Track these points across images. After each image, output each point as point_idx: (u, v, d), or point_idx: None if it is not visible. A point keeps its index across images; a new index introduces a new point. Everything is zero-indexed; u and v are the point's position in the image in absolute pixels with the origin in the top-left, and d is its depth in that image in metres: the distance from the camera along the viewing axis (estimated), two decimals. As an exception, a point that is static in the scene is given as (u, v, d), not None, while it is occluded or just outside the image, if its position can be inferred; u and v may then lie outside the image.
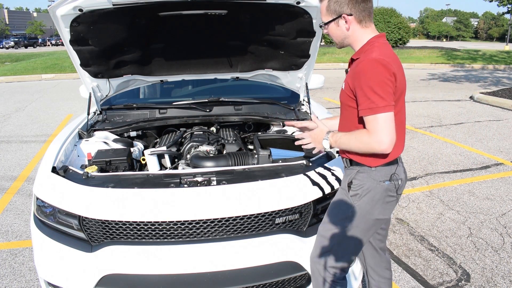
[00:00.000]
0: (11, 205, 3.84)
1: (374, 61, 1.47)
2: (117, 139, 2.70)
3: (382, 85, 1.45)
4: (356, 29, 1.59)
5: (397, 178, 1.63)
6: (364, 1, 1.56)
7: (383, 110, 1.45)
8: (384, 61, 1.47)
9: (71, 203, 1.82)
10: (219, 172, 2.07)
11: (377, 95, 1.45)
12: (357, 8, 1.55)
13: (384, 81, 1.46)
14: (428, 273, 2.73)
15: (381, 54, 1.50)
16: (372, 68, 1.47)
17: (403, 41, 25.46)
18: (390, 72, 1.47)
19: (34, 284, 2.63)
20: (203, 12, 2.37)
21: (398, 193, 1.67)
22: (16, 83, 13.50)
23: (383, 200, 1.63)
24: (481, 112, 8.25)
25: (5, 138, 6.35)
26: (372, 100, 1.46)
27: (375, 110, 1.46)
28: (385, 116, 1.45)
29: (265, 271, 1.81)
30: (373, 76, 1.46)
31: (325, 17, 1.63)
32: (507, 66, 18.59)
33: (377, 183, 1.61)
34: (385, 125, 1.45)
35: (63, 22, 2.25)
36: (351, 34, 1.61)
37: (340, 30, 1.61)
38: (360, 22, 1.58)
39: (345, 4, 1.55)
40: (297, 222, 1.94)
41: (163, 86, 3.43)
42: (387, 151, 1.48)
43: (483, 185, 4.31)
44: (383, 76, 1.46)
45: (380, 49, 1.53)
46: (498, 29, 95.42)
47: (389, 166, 1.63)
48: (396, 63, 1.53)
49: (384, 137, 1.45)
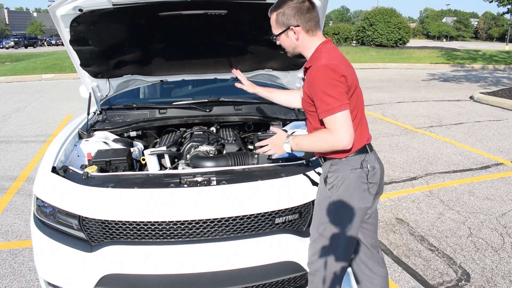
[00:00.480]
0: (11, 205, 3.84)
1: (323, 67, 1.61)
2: (117, 139, 2.70)
3: (333, 87, 1.59)
4: (304, 38, 1.74)
5: (366, 165, 1.71)
6: (309, 12, 1.70)
7: (338, 109, 1.58)
8: (332, 65, 1.61)
9: (71, 203, 1.82)
10: (219, 172, 2.07)
11: (331, 97, 1.58)
12: (303, 19, 1.69)
13: (334, 83, 1.59)
14: (428, 273, 2.73)
15: (329, 59, 1.63)
16: (322, 73, 1.60)
17: (403, 41, 25.47)
18: (339, 74, 1.60)
19: (34, 284, 2.63)
20: (203, 12, 2.37)
21: (369, 180, 1.72)
22: (16, 83, 13.50)
23: (359, 188, 1.71)
24: (481, 112, 8.25)
25: (5, 138, 6.35)
26: (327, 102, 1.59)
27: (331, 111, 1.58)
28: (341, 114, 1.58)
29: (265, 271, 1.81)
30: (325, 81, 1.60)
31: (275, 29, 1.77)
32: (507, 66, 18.59)
33: (349, 172, 1.71)
34: (343, 123, 1.59)
35: (63, 22, 2.25)
36: (300, 43, 1.76)
37: (290, 40, 1.76)
38: (308, 31, 1.72)
39: (292, 16, 1.69)
40: (296, 222, 1.94)
41: (163, 86, 3.43)
42: (348, 146, 1.60)
43: (483, 185, 4.31)
44: (333, 79, 1.59)
45: (327, 54, 1.67)
46: (498, 29, 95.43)
47: (359, 155, 1.73)
48: (344, 63, 1.66)
49: (343, 134, 1.58)
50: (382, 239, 3.17)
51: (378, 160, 1.80)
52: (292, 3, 1.68)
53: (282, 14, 1.70)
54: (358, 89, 1.74)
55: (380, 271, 1.95)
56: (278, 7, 1.72)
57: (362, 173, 1.71)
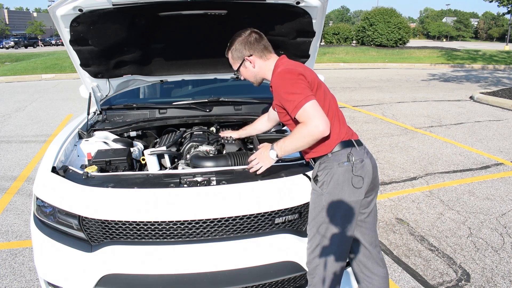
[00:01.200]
0: (11, 205, 3.85)
1: (280, 72, 1.75)
2: (117, 139, 2.70)
3: (294, 85, 1.68)
4: (260, 64, 1.91)
5: (352, 157, 1.75)
6: (257, 41, 1.88)
7: (305, 101, 1.65)
8: (287, 68, 1.73)
9: (71, 203, 1.82)
10: (219, 172, 2.07)
11: (294, 94, 1.67)
12: (254, 47, 1.88)
13: (294, 81, 1.69)
14: (428, 273, 2.73)
15: (284, 66, 1.78)
16: (281, 77, 1.72)
17: (403, 41, 25.49)
18: (297, 73, 1.71)
19: (34, 284, 2.63)
20: (203, 12, 2.37)
21: (355, 173, 1.74)
22: (16, 83, 13.50)
23: (348, 181, 1.74)
24: (481, 112, 8.25)
25: (5, 138, 6.36)
26: (293, 99, 1.67)
27: (299, 105, 1.65)
28: (309, 104, 1.65)
29: (264, 271, 1.81)
30: (284, 83, 1.70)
31: (234, 65, 1.96)
32: (507, 66, 18.60)
33: (337, 166, 1.74)
34: (313, 111, 1.64)
35: (63, 22, 2.25)
36: (258, 70, 1.93)
37: (249, 70, 1.94)
38: (261, 57, 1.90)
39: (243, 49, 1.89)
40: (296, 222, 1.94)
41: (163, 86, 3.43)
42: (326, 132, 1.65)
43: (483, 185, 4.31)
44: (291, 79, 1.70)
45: (283, 64, 1.82)
46: (498, 29, 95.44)
47: (344, 149, 1.77)
48: (300, 66, 1.79)
49: (317, 121, 1.63)
50: (382, 239, 3.17)
51: (368, 155, 1.83)
52: (240, 38, 1.89)
53: (235, 50, 1.91)
54: (323, 86, 1.82)
55: (380, 271, 1.95)
56: (230, 46, 1.93)
57: (349, 166, 1.74)
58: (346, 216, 1.76)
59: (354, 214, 1.77)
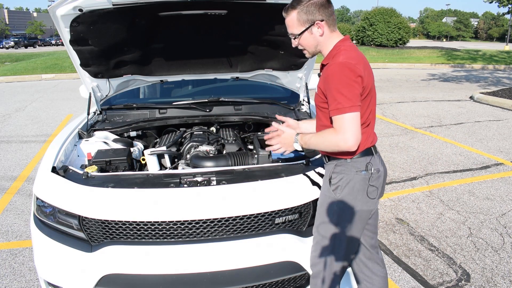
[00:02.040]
0: (11, 205, 3.84)
1: (341, 65, 1.57)
2: (117, 139, 2.70)
3: (348, 87, 1.55)
4: (327, 33, 1.69)
5: (371, 167, 1.70)
6: (329, 5, 1.67)
7: (349, 110, 1.55)
8: (350, 64, 1.56)
9: (71, 203, 1.82)
10: (219, 172, 2.07)
11: (343, 96, 1.55)
12: (326, 13, 1.65)
13: (350, 83, 1.55)
14: (428, 273, 2.73)
15: (347, 57, 1.59)
16: (339, 72, 1.56)
17: (403, 41, 25.48)
18: (356, 74, 1.56)
19: (34, 284, 2.63)
20: (203, 12, 2.37)
21: (371, 183, 1.70)
22: (16, 83, 13.50)
23: (363, 190, 1.69)
24: (481, 112, 8.25)
25: (5, 138, 6.35)
26: (339, 101, 1.55)
27: (342, 110, 1.55)
28: (350, 116, 1.55)
29: (265, 271, 1.81)
30: (340, 79, 1.56)
31: (296, 28, 1.70)
32: (507, 66, 18.59)
33: (354, 173, 1.69)
34: (351, 124, 1.55)
35: (63, 22, 2.25)
36: (323, 40, 1.70)
37: (314, 37, 1.70)
38: (330, 26, 1.68)
39: (316, 11, 1.64)
40: (296, 222, 1.94)
41: (163, 86, 3.43)
42: (352, 148, 1.57)
43: (483, 185, 4.31)
44: (349, 78, 1.55)
45: (346, 52, 1.62)
46: (498, 29, 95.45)
47: (364, 157, 1.70)
48: (362, 63, 1.62)
49: (349, 135, 1.55)
50: (382, 239, 3.17)
51: (382, 163, 1.79)
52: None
53: (305, 11, 1.64)
54: (373, 90, 1.70)
55: (380, 271, 1.95)
56: (298, 4, 1.65)
57: (367, 176, 1.68)
58: (356, 224, 1.73)
59: (363, 222, 1.76)
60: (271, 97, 3.31)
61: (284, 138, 1.84)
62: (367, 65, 1.66)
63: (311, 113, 2.96)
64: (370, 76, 1.66)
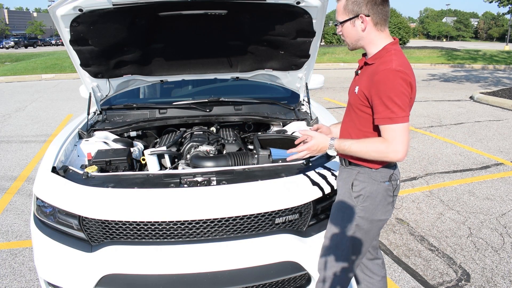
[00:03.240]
0: (11, 205, 3.84)
1: (395, 72, 1.49)
2: (117, 139, 2.70)
3: (401, 96, 1.49)
4: (371, 31, 1.60)
5: (395, 178, 1.67)
6: (383, 4, 1.57)
7: (402, 120, 1.49)
8: (404, 72, 1.50)
9: (71, 203, 1.82)
10: (219, 172, 2.07)
11: (397, 106, 1.48)
12: (375, 9, 1.56)
13: (403, 92, 1.49)
14: (428, 273, 2.73)
15: (400, 64, 1.52)
16: (393, 79, 1.49)
17: (403, 41, 25.50)
18: (408, 84, 1.51)
19: (34, 284, 2.63)
20: (203, 12, 2.37)
21: (395, 194, 1.69)
22: (16, 83, 13.49)
23: (384, 201, 1.66)
24: (481, 112, 8.25)
25: (5, 138, 6.35)
26: (392, 110, 1.49)
27: (394, 120, 1.49)
28: (403, 126, 1.49)
29: (265, 271, 1.81)
30: (394, 87, 1.49)
31: (341, 16, 1.63)
32: (507, 66, 18.59)
33: (378, 184, 1.64)
34: (403, 135, 1.50)
35: (63, 22, 2.25)
36: (365, 36, 1.61)
37: (355, 30, 1.61)
38: (376, 24, 1.59)
39: (364, 4, 1.56)
40: (297, 222, 1.94)
41: (163, 86, 3.43)
42: (401, 160, 1.52)
43: (483, 185, 4.31)
44: (402, 87, 1.49)
45: (398, 58, 1.54)
46: (498, 29, 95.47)
47: (389, 168, 1.66)
48: (411, 72, 1.56)
49: (401, 147, 1.49)
50: (382, 239, 3.17)
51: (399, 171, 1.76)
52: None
53: (354, 1, 1.57)
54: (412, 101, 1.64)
55: (380, 271, 1.96)
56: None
57: (390, 187, 1.65)
58: (372, 233, 1.72)
59: (378, 231, 1.75)
60: (271, 97, 3.32)
61: (316, 144, 1.69)
62: (413, 74, 1.59)
63: (311, 113, 2.96)
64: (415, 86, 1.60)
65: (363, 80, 1.62)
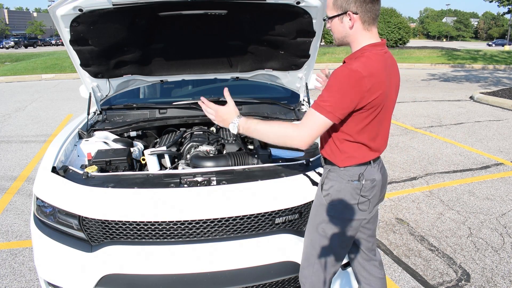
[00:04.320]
0: (11, 205, 3.84)
1: (349, 71, 1.46)
2: (117, 139, 2.70)
3: (339, 93, 1.45)
4: (358, 29, 1.56)
5: (367, 178, 1.62)
6: (372, 2, 1.53)
7: (324, 112, 1.46)
8: (360, 74, 1.44)
9: (71, 203, 1.82)
10: (219, 172, 2.07)
11: (331, 97, 1.46)
12: (364, 7, 1.53)
13: (345, 91, 1.45)
14: (428, 273, 2.73)
15: (361, 66, 1.47)
16: (343, 76, 1.46)
17: (403, 41, 25.49)
18: (357, 87, 1.45)
19: (34, 284, 2.63)
20: (203, 12, 2.37)
21: (362, 194, 1.62)
22: (16, 83, 13.50)
23: (354, 200, 1.63)
24: (481, 112, 8.25)
25: (5, 138, 6.35)
26: (324, 98, 1.47)
27: (319, 107, 1.48)
28: (319, 118, 1.47)
29: (265, 271, 1.81)
30: (340, 83, 1.46)
31: (330, 11, 1.61)
32: (508, 66, 18.59)
33: (346, 182, 1.62)
34: (316, 125, 1.48)
35: (63, 22, 2.25)
36: (352, 34, 1.58)
37: (343, 27, 1.58)
38: (364, 23, 1.55)
39: (353, 1, 1.53)
40: (297, 222, 1.94)
41: (163, 86, 3.43)
42: (302, 147, 1.51)
43: (483, 185, 4.31)
44: (349, 88, 1.45)
45: (366, 59, 1.50)
46: (498, 29, 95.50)
47: (359, 167, 1.62)
48: (376, 76, 1.48)
49: (306, 134, 1.49)
50: (382, 239, 3.17)
51: (381, 170, 1.70)
52: None
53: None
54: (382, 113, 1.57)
55: (378, 273, 1.95)
56: None
57: (358, 185, 1.61)
58: (344, 233, 1.69)
59: (353, 231, 1.70)
60: (271, 97, 3.31)
61: (221, 112, 1.66)
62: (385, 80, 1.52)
63: None
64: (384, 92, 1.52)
65: None
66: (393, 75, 1.60)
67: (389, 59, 1.59)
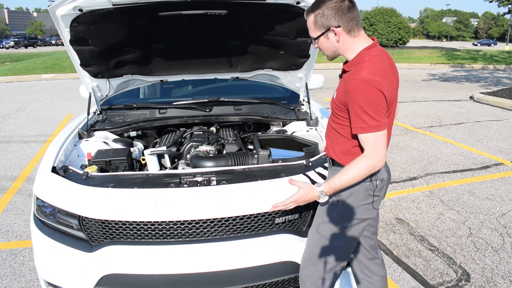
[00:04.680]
0: (11, 205, 3.84)
1: (363, 82, 1.49)
2: (117, 139, 2.70)
3: (372, 105, 1.49)
4: (346, 39, 1.60)
5: (377, 178, 1.65)
6: (350, 11, 1.56)
7: (373, 129, 1.50)
8: (373, 81, 1.48)
9: (71, 203, 1.82)
10: (219, 172, 2.07)
11: (367, 115, 1.49)
12: (344, 18, 1.56)
13: (374, 101, 1.49)
14: (428, 273, 2.73)
15: (370, 72, 1.50)
16: (362, 89, 1.49)
17: (403, 41, 25.49)
18: (379, 92, 1.49)
19: (34, 284, 2.63)
20: (203, 12, 2.37)
21: (375, 194, 1.66)
22: (16, 83, 13.50)
23: (365, 200, 1.66)
24: (481, 112, 8.25)
25: (5, 138, 6.35)
26: (363, 119, 1.50)
27: (366, 130, 1.51)
28: (374, 135, 1.51)
29: (265, 271, 1.81)
30: (363, 97, 1.49)
31: (313, 32, 1.64)
32: (508, 66, 18.59)
33: (358, 183, 1.63)
34: (377, 142, 1.51)
35: (63, 22, 2.26)
36: (341, 46, 1.62)
37: (330, 43, 1.62)
38: (349, 32, 1.59)
39: (332, 17, 1.56)
40: (296, 222, 1.94)
41: (163, 86, 3.43)
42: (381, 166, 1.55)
43: (483, 185, 4.31)
44: (373, 97, 1.49)
45: (370, 64, 1.53)
46: (498, 29, 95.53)
47: None
48: (386, 77, 1.53)
49: (381, 154, 1.52)
50: (382, 239, 3.17)
51: (387, 169, 1.74)
52: (331, 3, 1.55)
53: (321, 15, 1.57)
54: (394, 105, 1.63)
55: (380, 271, 1.95)
56: (316, 8, 1.59)
57: (370, 186, 1.65)
58: (352, 232, 1.72)
59: (361, 231, 1.74)
60: (271, 97, 3.31)
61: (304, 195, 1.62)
62: (391, 79, 1.57)
63: (311, 113, 2.96)
64: (393, 91, 1.58)
65: (340, 87, 1.64)
66: (393, 71, 1.64)
67: (385, 56, 1.63)
